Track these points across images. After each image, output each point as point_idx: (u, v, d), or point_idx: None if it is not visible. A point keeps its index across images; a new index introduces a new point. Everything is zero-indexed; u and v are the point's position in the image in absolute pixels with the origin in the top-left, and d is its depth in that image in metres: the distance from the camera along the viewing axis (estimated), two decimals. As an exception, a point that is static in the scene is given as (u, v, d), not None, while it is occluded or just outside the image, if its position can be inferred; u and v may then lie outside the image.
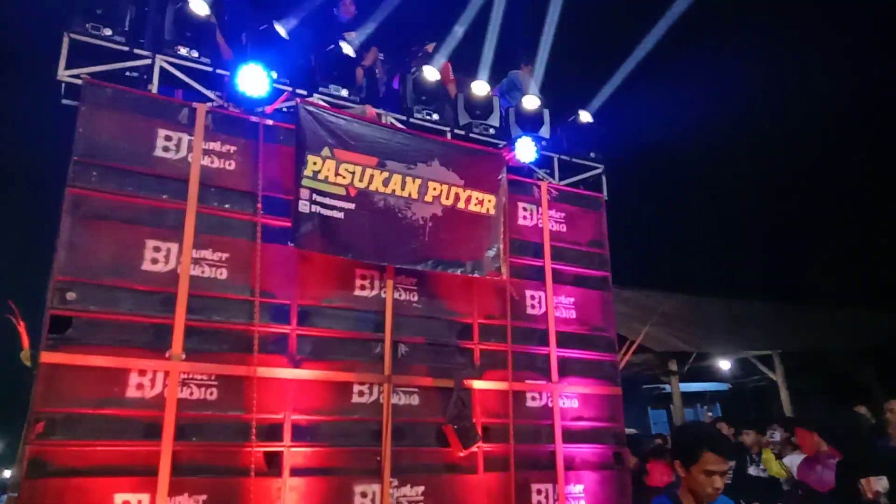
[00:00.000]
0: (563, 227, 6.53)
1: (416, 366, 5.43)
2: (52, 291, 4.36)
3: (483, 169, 5.98)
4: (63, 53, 4.86)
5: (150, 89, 5.10)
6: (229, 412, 4.65)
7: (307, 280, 5.17)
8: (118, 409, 4.35)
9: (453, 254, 5.60)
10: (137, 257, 4.63)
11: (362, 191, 5.31)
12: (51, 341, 4.29)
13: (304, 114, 5.24)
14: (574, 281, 6.43)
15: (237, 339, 4.80)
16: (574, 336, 6.24)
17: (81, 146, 4.65)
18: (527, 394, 5.86)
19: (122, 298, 4.53)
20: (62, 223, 4.49)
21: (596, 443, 6.07)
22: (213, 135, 5.06)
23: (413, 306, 5.57)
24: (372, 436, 5.07)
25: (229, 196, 5.03)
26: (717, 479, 2.87)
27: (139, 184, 4.76)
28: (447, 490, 5.23)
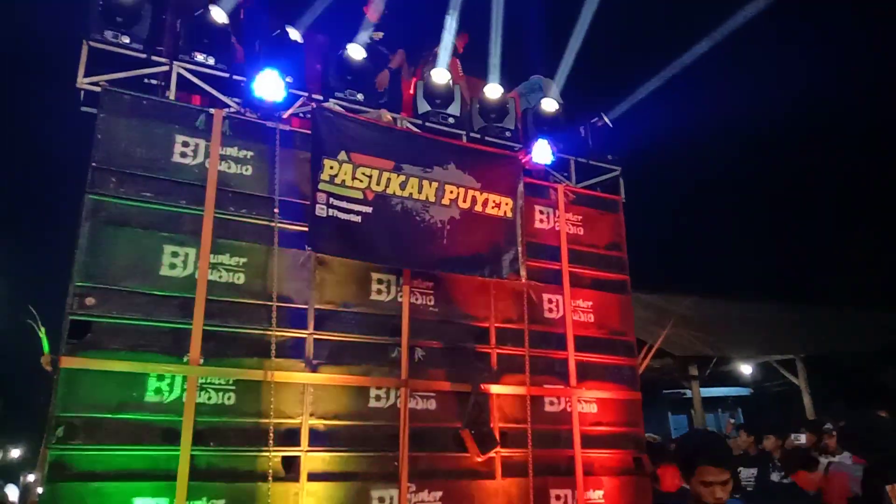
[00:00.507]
0: (581, 230, 6.48)
1: (433, 370, 5.41)
2: (72, 296, 4.40)
3: (500, 172, 5.95)
4: (82, 61, 4.92)
5: (167, 96, 5.14)
6: (247, 417, 4.66)
7: (324, 284, 5.17)
8: (137, 414, 4.38)
9: (471, 257, 5.58)
10: (155, 262, 4.66)
11: (379, 194, 5.30)
12: (70, 346, 4.32)
13: (320, 118, 5.26)
14: (592, 284, 6.37)
15: (254, 344, 4.81)
16: (592, 340, 6.18)
17: (100, 152, 4.69)
18: (545, 398, 5.81)
19: (140, 303, 4.56)
20: (81, 229, 4.53)
21: (615, 448, 6.00)
22: (230, 140, 5.08)
23: (429, 310, 5.55)
24: (389, 440, 5.05)
25: (246, 201, 5.04)
26: (717, 489, 2.85)
27: (157, 189, 4.79)
28: (465, 495, 5.20)
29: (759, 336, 14.93)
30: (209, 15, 5.24)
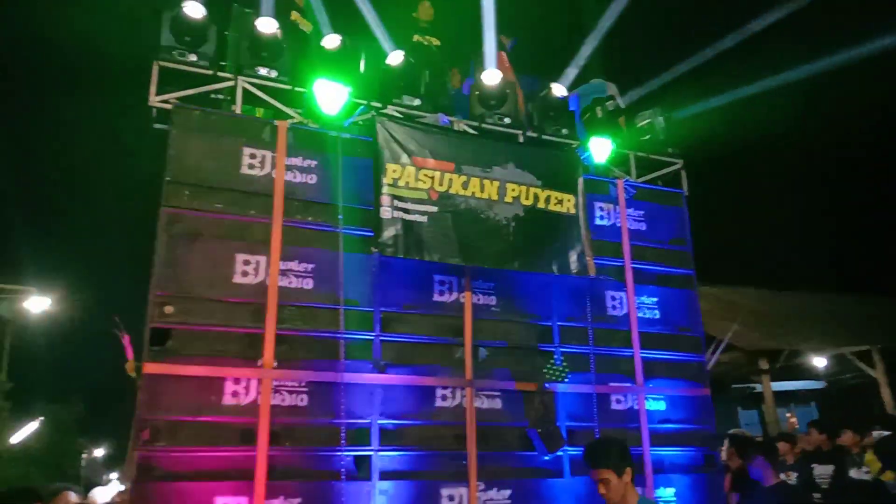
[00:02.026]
0: (643, 225, 6.40)
1: (497, 369, 5.45)
2: (152, 306, 4.62)
3: (559, 169, 5.95)
4: (153, 80, 5.14)
5: (233, 109, 5.33)
6: (319, 417, 4.80)
7: (388, 287, 5.27)
8: (216, 416, 4.57)
9: (539, 253, 5.60)
10: (229, 271, 4.85)
11: (444, 194, 5.38)
12: (152, 353, 4.54)
13: (380, 125, 5.36)
14: (656, 280, 6.29)
15: (324, 347, 4.96)
16: (658, 336, 6.11)
17: (173, 167, 4.91)
18: (611, 396, 5.77)
19: (216, 310, 4.75)
20: (158, 241, 4.76)
21: (685, 445, 5.92)
22: (294, 150, 5.25)
23: (492, 310, 5.60)
24: (457, 439, 5.12)
25: (312, 209, 5.20)
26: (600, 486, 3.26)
27: (228, 200, 4.98)
28: (534, 494, 5.22)
29: (832, 328, 14.40)
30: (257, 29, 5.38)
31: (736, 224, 26.30)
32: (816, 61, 7.34)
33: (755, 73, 7.35)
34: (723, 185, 23.17)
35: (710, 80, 7.62)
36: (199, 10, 5.20)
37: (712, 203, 19.55)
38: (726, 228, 23.93)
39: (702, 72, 7.62)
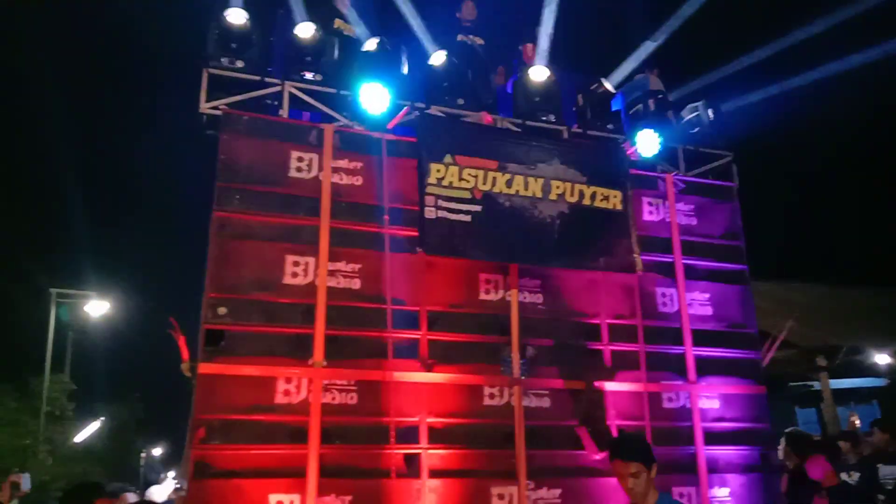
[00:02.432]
0: (693, 220, 6.28)
1: (544, 368, 5.42)
2: (206, 307, 4.75)
3: (605, 164, 5.88)
4: (203, 87, 5.29)
5: (280, 114, 5.43)
6: (369, 415, 4.86)
7: (434, 286, 5.30)
8: (268, 415, 4.67)
9: (583, 251, 5.55)
10: (279, 272, 4.95)
11: (487, 193, 5.37)
12: (206, 353, 4.66)
13: (423, 125, 5.39)
14: (708, 276, 6.16)
15: (373, 346, 5.01)
16: (711, 333, 5.98)
17: (223, 172, 5.03)
18: (663, 395, 5.68)
19: (267, 311, 4.86)
20: (210, 244, 4.88)
21: (740, 444, 5.78)
22: (340, 153, 5.32)
23: (538, 308, 5.57)
24: (505, 438, 5.11)
25: (358, 210, 5.26)
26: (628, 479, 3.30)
27: (277, 203, 5.09)
28: (584, 493, 5.17)
29: (893, 323, 13.84)
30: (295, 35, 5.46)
31: (791, 217, 25.55)
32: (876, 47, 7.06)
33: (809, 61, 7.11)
34: (777, 177, 22.54)
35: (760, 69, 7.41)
36: (242, 15, 5.31)
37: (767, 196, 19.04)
38: (781, 222, 23.27)
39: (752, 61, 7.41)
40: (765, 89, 7.23)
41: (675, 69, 7.26)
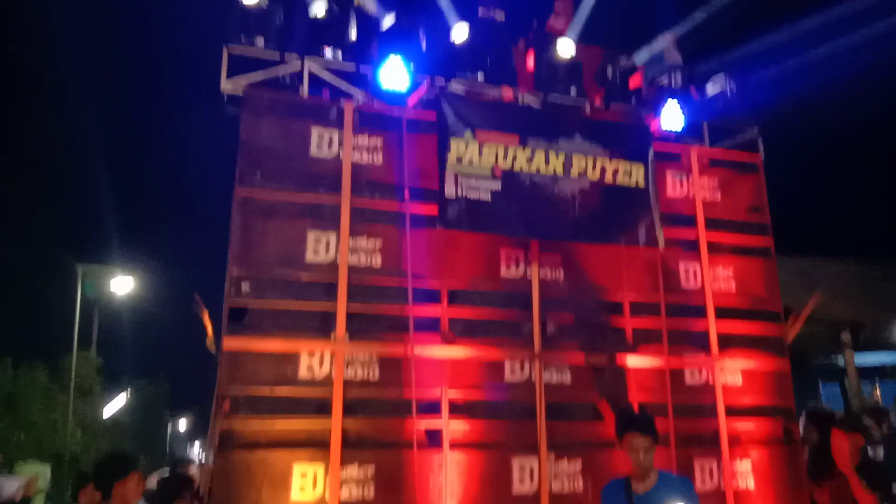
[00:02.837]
0: (718, 195, 6.20)
1: (565, 343, 5.43)
2: (229, 284, 4.81)
3: (628, 139, 5.81)
4: (223, 66, 5.29)
5: (300, 92, 5.43)
6: (391, 389, 4.92)
7: (455, 263, 5.32)
8: (292, 389, 4.75)
9: (604, 228, 5.51)
10: (301, 249, 4.99)
11: (508, 171, 5.34)
12: (230, 329, 4.74)
13: (443, 101, 5.36)
14: (732, 251, 6.10)
15: (394, 322, 5.05)
16: (734, 309, 5.93)
17: (245, 150, 5.07)
18: (685, 370, 5.66)
19: (289, 287, 4.92)
20: (233, 221, 4.93)
21: (763, 419, 5.76)
22: (360, 130, 5.32)
23: (559, 284, 5.56)
24: (526, 411, 5.15)
25: (378, 187, 5.28)
26: (640, 452, 3.63)
27: (298, 181, 5.11)
28: (605, 465, 5.19)
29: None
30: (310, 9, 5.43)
31: (819, 191, 25.10)
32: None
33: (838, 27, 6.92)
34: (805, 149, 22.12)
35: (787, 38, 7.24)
36: None
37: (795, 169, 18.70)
38: (808, 196, 22.89)
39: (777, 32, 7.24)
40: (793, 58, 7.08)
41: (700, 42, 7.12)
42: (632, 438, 3.69)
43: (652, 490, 3.67)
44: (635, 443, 3.67)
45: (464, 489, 4.87)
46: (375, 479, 4.72)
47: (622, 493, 3.72)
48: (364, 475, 4.71)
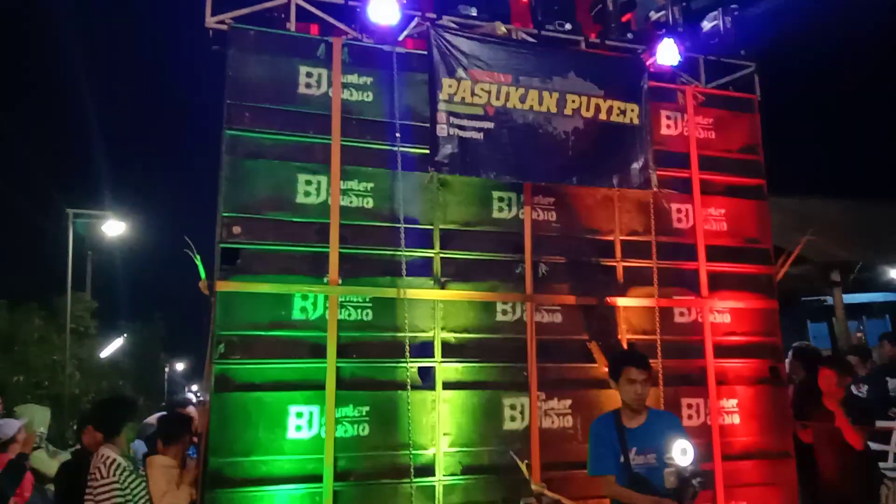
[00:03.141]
0: (712, 134, 6.13)
1: (557, 285, 5.45)
2: (220, 226, 4.78)
3: (623, 77, 5.70)
4: (208, 2, 5.11)
5: (287, 27, 5.27)
6: (384, 331, 4.96)
7: (447, 205, 5.28)
8: (286, 331, 4.78)
9: (598, 167, 5.46)
10: (291, 191, 4.94)
11: (500, 109, 5.25)
12: (223, 272, 4.73)
13: (435, 38, 5.21)
14: (725, 191, 6.07)
15: (386, 264, 5.05)
16: (725, 249, 5.95)
17: (232, 89, 4.95)
18: (675, 310, 5.72)
19: (281, 230, 4.89)
20: (223, 163, 4.86)
21: (750, 357, 5.86)
22: (349, 68, 5.19)
23: (552, 226, 5.55)
24: (518, 352, 5.21)
25: (369, 127, 5.18)
26: (639, 385, 3.78)
27: (287, 121, 5.02)
28: (594, 403, 5.31)
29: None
30: None
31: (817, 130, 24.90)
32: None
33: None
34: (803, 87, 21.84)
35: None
36: None
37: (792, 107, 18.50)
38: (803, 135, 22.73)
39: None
40: (791, -6, 6.88)
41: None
42: (630, 372, 3.79)
43: (644, 425, 3.78)
44: (633, 376, 3.78)
45: (456, 427, 4.98)
46: (370, 417, 4.81)
47: (613, 427, 3.81)
48: (358, 414, 4.79)
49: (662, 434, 3.69)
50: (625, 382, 3.81)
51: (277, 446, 4.61)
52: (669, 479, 3.49)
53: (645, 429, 3.79)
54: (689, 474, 3.44)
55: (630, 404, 3.82)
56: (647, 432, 3.77)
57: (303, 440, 4.66)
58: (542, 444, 5.08)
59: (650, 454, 3.76)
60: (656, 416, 3.93)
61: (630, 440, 3.75)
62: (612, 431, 3.81)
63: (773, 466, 5.70)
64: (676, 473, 3.45)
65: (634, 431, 3.79)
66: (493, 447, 5.01)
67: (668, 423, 3.89)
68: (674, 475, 3.46)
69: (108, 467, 4.02)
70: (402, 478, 4.77)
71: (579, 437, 5.22)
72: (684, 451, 3.50)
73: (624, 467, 3.74)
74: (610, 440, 3.80)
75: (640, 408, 3.82)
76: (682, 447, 3.51)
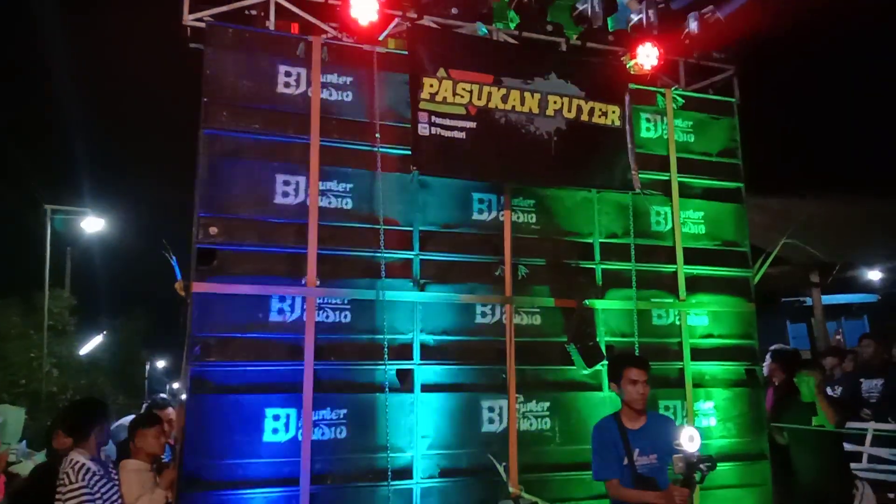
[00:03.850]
0: (691, 137, 6.17)
1: (537, 287, 5.46)
2: (197, 227, 4.72)
3: (604, 79, 5.70)
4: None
5: (266, 26, 5.22)
6: (362, 333, 4.93)
7: (427, 206, 5.26)
8: (263, 333, 4.73)
9: (581, 168, 5.46)
10: (269, 191, 4.89)
11: (482, 108, 5.22)
12: (199, 272, 4.68)
13: (415, 37, 5.19)
14: (703, 194, 6.10)
15: (365, 265, 5.02)
16: (703, 252, 5.98)
17: (210, 87, 4.89)
18: (653, 312, 5.75)
19: (259, 230, 4.83)
20: (199, 162, 4.80)
21: (727, 360, 5.90)
22: (329, 67, 5.15)
23: (531, 228, 5.55)
24: (497, 354, 5.20)
25: (349, 127, 5.14)
26: (640, 385, 3.87)
27: (265, 120, 4.96)
28: (572, 405, 5.33)
29: (890, 237, 13.87)
30: None
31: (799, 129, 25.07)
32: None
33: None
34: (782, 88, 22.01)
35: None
36: None
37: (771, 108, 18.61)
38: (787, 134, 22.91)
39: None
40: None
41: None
42: (631, 373, 3.87)
43: (645, 426, 3.87)
44: (634, 376, 3.86)
45: (434, 429, 4.97)
46: (347, 420, 4.78)
47: (615, 430, 3.87)
48: (336, 417, 4.76)
49: (661, 435, 3.80)
50: (626, 383, 3.88)
51: (254, 449, 4.57)
52: (678, 465, 3.64)
53: (646, 430, 3.88)
54: (696, 460, 3.60)
55: (632, 405, 3.89)
56: (649, 433, 3.86)
57: (279, 443, 4.62)
58: (521, 446, 5.09)
59: (652, 455, 3.86)
60: (654, 417, 4.02)
61: (633, 441, 3.81)
62: (615, 434, 3.87)
63: (749, 468, 5.75)
64: (685, 459, 3.61)
65: (636, 433, 3.85)
66: (471, 449, 5.01)
67: (667, 424, 4.02)
68: (682, 461, 3.62)
69: (76, 472, 3.94)
70: (379, 481, 4.75)
71: (557, 440, 5.24)
72: (691, 437, 3.72)
73: (629, 469, 3.81)
74: (613, 443, 3.86)
75: (641, 408, 3.89)
76: (689, 434, 3.72)
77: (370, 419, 4.82)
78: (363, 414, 4.83)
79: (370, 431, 4.81)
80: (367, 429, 4.81)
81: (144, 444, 4.39)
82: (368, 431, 4.81)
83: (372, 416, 4.83)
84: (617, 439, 3.86)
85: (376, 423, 4.82)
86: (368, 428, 4.81)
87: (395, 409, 4.88)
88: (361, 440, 4.79)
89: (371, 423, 4.82)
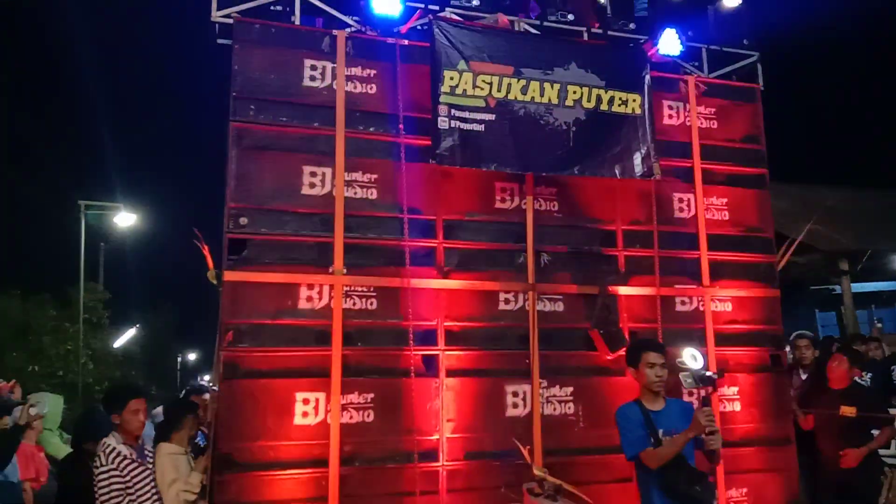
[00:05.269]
0: (714, 124, 6.16)
1: (559, 274, 5.52)
2: (227, 217, 4.87)
3: (624, 67, 5.73)
4: (214, -5, 5.19)
5: (292, 20, 5.34)
6: (388, 320, 5.05)
7: (450, 195, 5.35)
8: (292, 320, 4.87)
9: (600, 158, 5.50)
10: (297, 182, 5.03)
11: (501, 100, 5.29)
12: (230, 262, 4.83)
13: (437, 30, 5.27)
14: (726, 180, 6.10)
15: (391, 254, 5.13)
16: (727, 238, 5.99)
17: (238, 82, 5.02)
18: (676, 298, 5.77)
19: (287, 221, 4.98)
20: (229, 155, 4.95)
21: (751, 346, 5.91)
22: (353, 60, 5.26)
23: (554, 215, 5.61)
24: (520, 340, 5.29)
25: (373, 119, 5.25)
26: (658, 368, 3.89)
27: (292, 113, 5.09)
28: (596, 391, 5.39)
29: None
30: None
31: (824, 119, 24.69)
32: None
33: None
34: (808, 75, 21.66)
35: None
36: None
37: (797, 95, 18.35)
38: (812, 123, 22.55)
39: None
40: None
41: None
42: (649, 356, 3.93)
43: (665, 408, 3.94)
44: (653, 359, 3.92)
45: (459, 413, 5.07)
46: (374, 404, 4.90)
47: (639, 412, 3.92)
48: (363, 401, 4.89)
49: (681, 417, 3.87)
50: (645, 367, 3.93)
51: (285, 432, 4.72)
52: (686, 380, 3.88)
53: (668, 411, 3.94)
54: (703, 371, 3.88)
55: (650, 387, 3.94)
56: (671, 415, 3.93)
57: (309, 426, 4.76)
58: (544, 430, 5.17)
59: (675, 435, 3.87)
60: (671, 401, 4.08)
61: (657, 422, 3.87)
62: (639, 415, 3.92)
63: (774, 453, 5.76)
64: (691, 374, 3.87)
65: (659, 413, 3.91)
66: (495, 433, 5.10)
67: (684, 406, 4.13)
68: (689, 377, 3.87)
69: (107, 455, 4.09)
70: (406, 463, 4.87)
71: (580, 424, 5.31)
72: (694, 357, 3.97)
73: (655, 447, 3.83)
74: (639, 422, 3.91)
75: (660, 390, 3.95)
76: (691, 353, 4.01)
77: (397, 403, 4.94)
78: (390, 398, 4.95)
79: (397, 415, 4.93)
80: (393, 412, 4.93)
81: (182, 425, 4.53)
82: (395, 415, 4.93)
83: (398, 400, 4.95)
84: (641, 419, 3.91)
85: (402, 406, 4.94)
86: (395, 412, 4.93)
87: (421, 394, 4.99)
88: (388, 423, 4.91)
89: (397, 406, 4.94)
